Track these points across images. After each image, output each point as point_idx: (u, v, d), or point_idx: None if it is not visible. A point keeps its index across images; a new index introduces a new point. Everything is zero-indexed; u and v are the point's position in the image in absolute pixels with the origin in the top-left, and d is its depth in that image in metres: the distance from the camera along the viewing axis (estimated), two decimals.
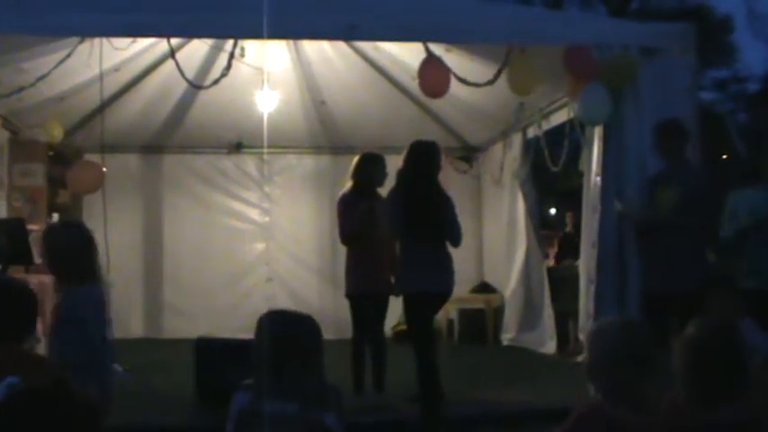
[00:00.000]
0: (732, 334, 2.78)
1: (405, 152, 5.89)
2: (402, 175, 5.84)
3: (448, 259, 5.85)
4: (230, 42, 6.78)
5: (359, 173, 6.38)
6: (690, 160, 5.75)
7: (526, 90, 6.55)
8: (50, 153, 9.31)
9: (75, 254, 3.69)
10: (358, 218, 6.19)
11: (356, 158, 6.49)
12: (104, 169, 8.04)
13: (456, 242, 5.87)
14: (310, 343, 2.96)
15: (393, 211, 5.78)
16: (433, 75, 6.38)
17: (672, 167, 5.71)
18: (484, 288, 10.67)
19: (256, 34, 5.08)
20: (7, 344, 2.99)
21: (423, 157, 5.88)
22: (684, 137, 5.69)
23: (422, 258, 5.74)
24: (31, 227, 7.85)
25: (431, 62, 6.32)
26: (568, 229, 11.13)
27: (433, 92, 6.69)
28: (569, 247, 10.17)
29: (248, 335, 3.10)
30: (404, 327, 8.78)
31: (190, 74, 7.22)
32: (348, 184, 6.45)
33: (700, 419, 2.59)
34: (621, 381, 2.68)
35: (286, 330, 2.93)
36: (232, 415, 2.93)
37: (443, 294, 5.94)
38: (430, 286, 5.75)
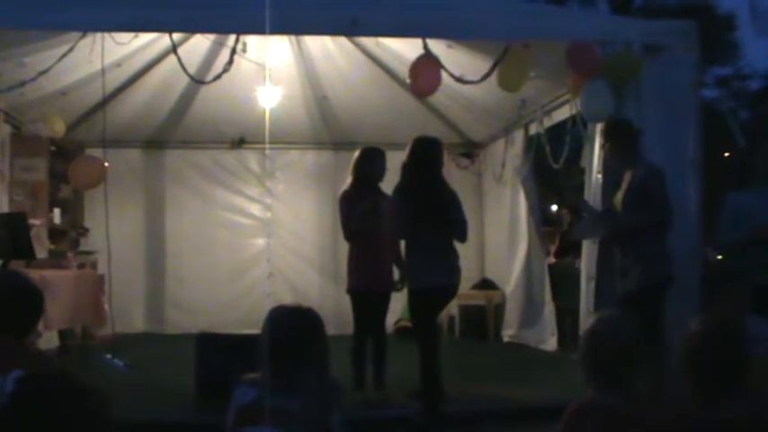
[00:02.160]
0: (735, 331, 2.79)
1: (408, 148, 5.89)
2: (407, 171, 5.84)
3: (454, 255, 5.87)
4: (232, 38, 6.77)
5: (360, 168, 6.37)
6: (638, 159, 5.55)
7: (515, 86, 6.55)
8: (52, 148, 9.32)
9: None
10: (361, 214, 6.17)
11: (356, 153, 6.48)
12: (106, 164, 8.05)
13: (463, 238, 5.89)
14: (316, 339, 2.97)
15: (400, 208, 5.79)
16: (423, 74, 6.39)
17: (624, 168, 5.60)
18: (485, 284, 10.67)
19: (258, 29, 5.07)
20: (11, 339, 3.00)
21: (428, 152, 5.89)
22: (628, 137, 5.54)
23: (429, 254, 5.75)
24: (32, 222, 7.85)
25: (422, 62, 6.33)
26: (564, 227, 11.13)
27: (422, 92, 6.71)
28: (566, 245, 10.18)
29: (249, 330, 3.11)
30: (405, 323, 8.81)
31: (192, 69, 7.21)
32: (348, 180, 6.43)
33: (702, 415, 2.60)
34: (615, 374, 2.75)
35: (293, 326, 2.93)
36: (233, 409, 2.92)
37: (450, 291, 5.96)
38: (437, 282, 5.77)
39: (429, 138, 6.03)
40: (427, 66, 6.35)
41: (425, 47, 6.31)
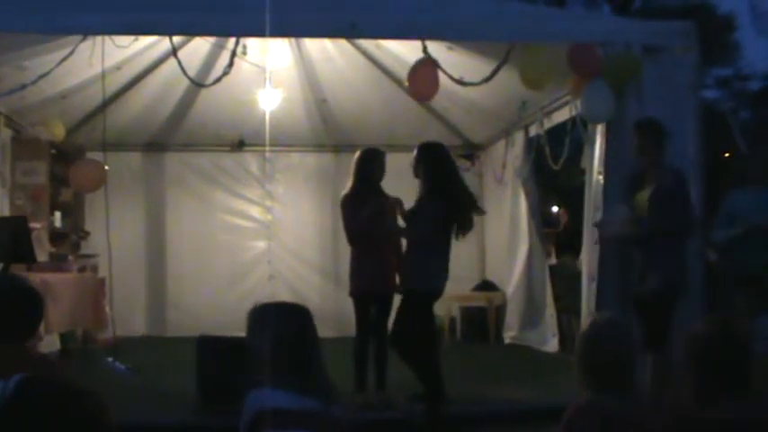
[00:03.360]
0: (737, 331, 2.79)
1: (427, 153, 6.00)
2: (437, 177, 5.94)
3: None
4: (232, 40, 6.78)
5: (361, 169, 6.36)
6: (664, 160, 5.62)
7: (540, 84, 6.52)
8: (53, 151, 9.32)
9: None
10: (367, 216, 6.16)
11: (357, 155, 6.47)
12: (106, 167, 8.04)
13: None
14: (311, 332, 2.97)
15: (436, 208, 5.87)
16: (422, 78, 6.40)
17: (646, 167, 5.64)
18: (486, 286, 10.66)
19: (258, 32, 5.09)
20: (12, 343, 3.00)
21: (447, 160, 6.06)
22: (659, 137, 5.59)
23: (436, 256, 5.91)
24: (33, 225, 7.86)
25: (420, 67, 6.35)
26: (560, 228, 11.14)
27: (421, 96, 6.72)
28: (563, 246, 10.20)
29: None
30: None
31: (192, 72, 7.21)
32: (349, 183, 6.42)
33: (703, 416, 2.59)
34: (613, 376, 2.75)
35: (300, 325, 2.93)
36: (250, 413, 2.89)
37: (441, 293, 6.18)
38: (440, 285, 6.00)
39: (439, 143, 6.19)
40: (426, 69, 6.35)
41: (425, 50, 6.31)
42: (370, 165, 6.36)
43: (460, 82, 6.58)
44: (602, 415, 2.67)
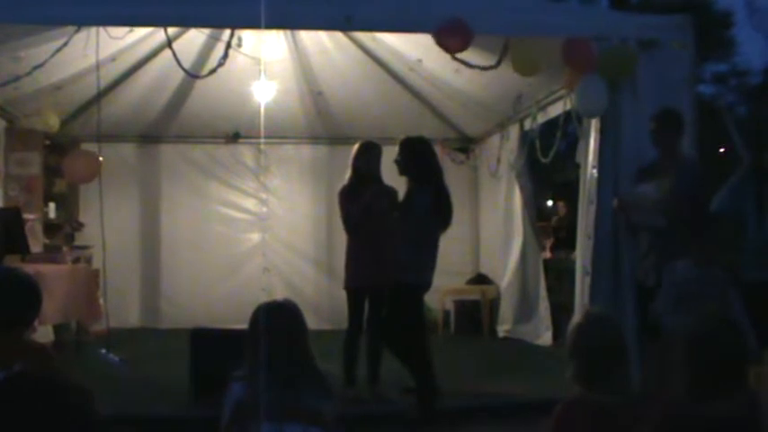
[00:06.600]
0: (733, 329, 2.79)
1: (413, 147, 6.00)
2: (433, 172, 6.00)
3: None
4: (227, 32, 6.76)
5: (356, 162, 6.37)
6: (682, 152, 5.67)
7: (531, 70, 6.50)
8: (47, 142, 9.30)
9: None
10: (358, 209, 6.16)
11: (355, 147, 6.49)
12: (101, 159, 8.03)
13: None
14: (302, 331, 2.98)
15: (424, 206, 5.93)
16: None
17: (664, 158, 5.66)
18: (480, 279, 10.66)
19: (253, 24, 5.07)
20: (11, 332, 3.02)
21: (432, 153, 6.13)
22: (678, 128, 5.64)
23: (430, 250, 5.98)
24: (27, 216, 7.84)
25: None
26: (554, 223, 11.16)
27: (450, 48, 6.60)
28: (561, 240, 10.23)
29: (244, 325, 3.12)
30: None
31: (187, 63, 7.19)
32: (347, 175, 6.43)
33: (697, 413, 2.60)
34: (603, 371, 2.78)
35: (279, 322, 2.94)
36: (229, 405, 2.92)
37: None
38: (430, 278, 6.04)
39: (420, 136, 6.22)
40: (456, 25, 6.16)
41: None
42: (366, 157, 6.36)
43: (468, 64, 6.49)
44: (592, 410, 2.68)
